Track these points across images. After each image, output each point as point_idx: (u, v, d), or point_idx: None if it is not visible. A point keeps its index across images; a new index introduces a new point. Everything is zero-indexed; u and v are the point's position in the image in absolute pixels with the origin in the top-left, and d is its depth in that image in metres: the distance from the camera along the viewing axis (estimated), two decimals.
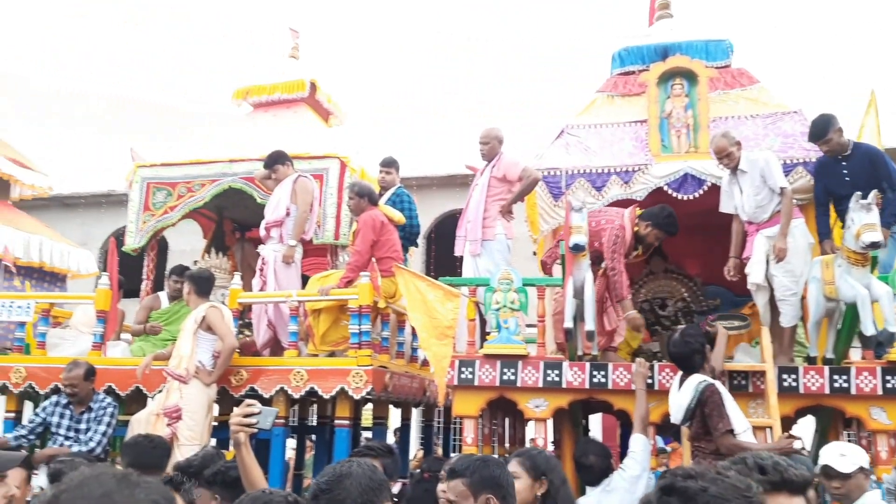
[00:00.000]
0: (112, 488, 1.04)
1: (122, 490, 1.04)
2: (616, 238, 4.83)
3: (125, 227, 6.94)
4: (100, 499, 1.02)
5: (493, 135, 5.93)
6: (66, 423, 5.31)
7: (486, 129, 5.98)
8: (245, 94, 7.45)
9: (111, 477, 1.07)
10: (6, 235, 7.44)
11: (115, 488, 1.04)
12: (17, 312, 6.09)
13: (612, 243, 4.81)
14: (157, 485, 1.11)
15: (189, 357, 5.27)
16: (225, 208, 7.44)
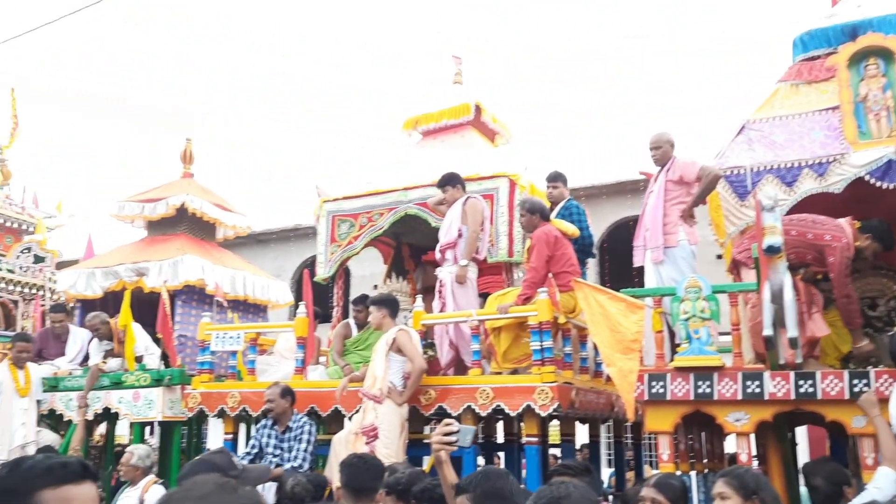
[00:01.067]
0: (212, 491, 1.24)
1: (220, 494, 1.24)
2: (846, 259, 4.50)
3: (312, 258, 7.45)
4: (199, 499, 1.22)
5: (664, 139, 5.74)
6: (272, 442, 5.77)
7: (655, 133, 5.80)
8: (414, 124, 7.76)
9: (213, 484, 1.27)
10: (217, 273, 8.24)
11: (215, 492, 1.24)
12: (229, 342, 6.70)
13: (843, 266, 4.49)
14: (252, 492, 1.34)
15: (383, 378, 5.51)
16: (402, 234, 7.75)
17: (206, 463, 2.74)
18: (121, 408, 7.09)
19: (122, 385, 7.11)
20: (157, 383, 6.98)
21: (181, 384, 7.03)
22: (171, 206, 8.56)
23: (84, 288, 8.45)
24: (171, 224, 8.83)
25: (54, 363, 7.76)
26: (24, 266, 10.70)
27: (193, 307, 8.25)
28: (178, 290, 8.02)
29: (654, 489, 3.18)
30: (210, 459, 2.94)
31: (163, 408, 6.91)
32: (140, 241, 9.08)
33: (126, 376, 7.12)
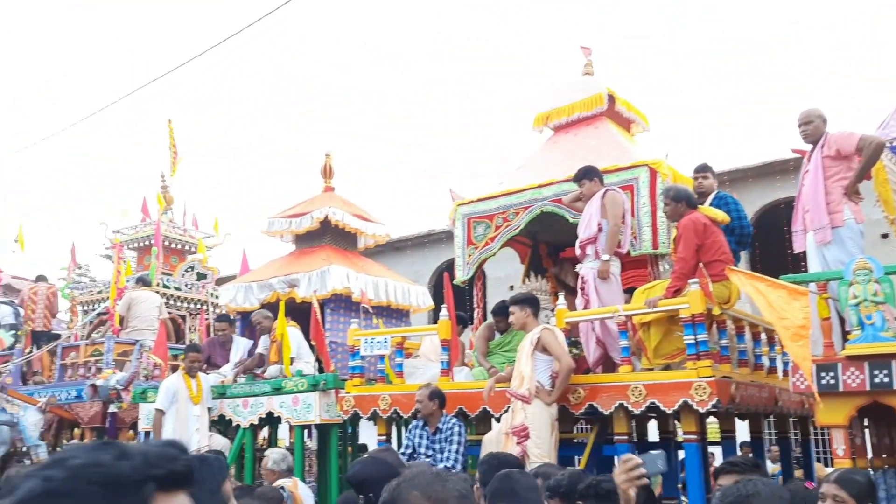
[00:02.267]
0: (432, 480, 1.48)
1: (438, 482, 1.47)
2: None
3: (447, 262, 7.54)
4: (426, 486, 1.45)
5: (815, 114, 5.35)
6: (424, 443, 5.89)
7: (805, 110, 5.42)
8: (545, 120, 7.68)
9: (431, 474, 1.53)
10: (361, 281, 8.55)
11: (435, 480, 1.48)
12: (377, 347, 6.92)
13: None
14: (460, 480, 1.52)
15: (529, 377, 5.48)
16: (539, 232, 7.68)
17: (378, 461, 2.82)
18: (282, 412, 7.49)
19: (282, 390, 7.51)
20: (314, 388, 7.31)
21: (335, 388, 7.33)
22: (316, 219, 8.96)
23: (242, 301, 9.00)
24: (316, 236, 9.25)
25: (221, 371, 8.33)
26: (189, 283, 11.60)
27: (341, 314, 8.59)
28: (327, 299, 8.37)
29: (836, 485, 2.94)
30: (382, 458, 3.02)
31: (320, 411, 7.23)
32: (289, 254, 9.57)
33: (285, 382, 7.51)
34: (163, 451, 0.89)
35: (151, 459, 0.86)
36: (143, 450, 0.87)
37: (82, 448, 0.87)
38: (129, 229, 12.05)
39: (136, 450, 0.86)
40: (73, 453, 0.86)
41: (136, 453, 0.85)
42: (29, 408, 9.10)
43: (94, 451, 0.85)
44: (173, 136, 12.14)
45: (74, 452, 0.86)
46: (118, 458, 0.84)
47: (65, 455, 0.86)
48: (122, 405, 9.00)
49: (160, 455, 0.87)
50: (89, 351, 9.79)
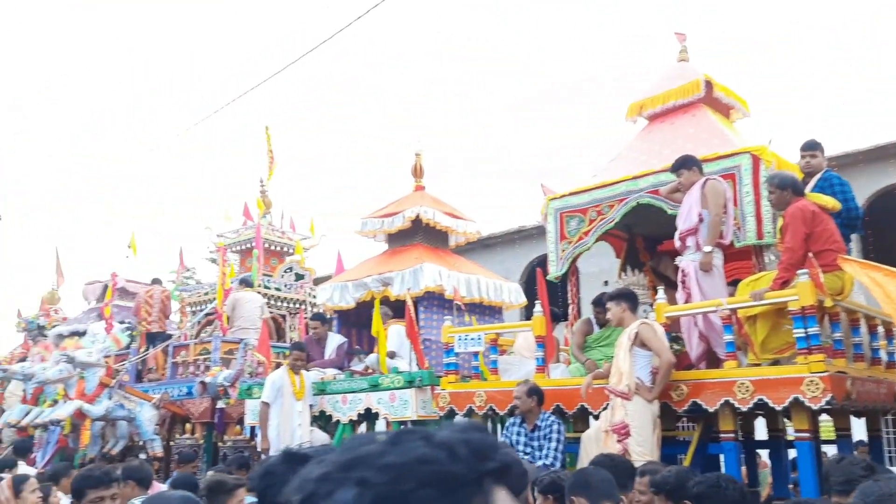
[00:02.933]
0: None
1: None
2: None
3: (537, 258, 7.46)
4: None
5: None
6: (522, 440, 5.85)
7: None
8: (639, 110, 7.48)
9: None
10: (453, 279, 8.60)
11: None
12: (471, 344, 6.93)
13: None
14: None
15: (628, 373, 5.36)
16: (635, 225, 7.50)
17: None
18: (380, 408, 7.62)
19: (378, 387, 7.64)
20: (410, 385, 7.40)
21: (430, 385, 7.39)
22: (407, 218, 9.07)
23: (339, 300, 9.23)
24: (408, 235, 9.37)
25: (320, 369, 8.56)
26: (288, 284, 11.99)
27: (434, 312, 8.66)
28: (420, 297, 8.46)
29: None
30: None
31: (416, 407, 7.31)
32: (382, 253, 9.74)
33: (381, 379, 7.64)
34: (483, 438, 0.75)
35: (481, 450, 0.73)
36: (460, 438, 0.74)
37: (378, 442, 0.75)
38: (232, 233, 12.56)
39: (453, 439, 0.74)
40: (375, 449, 0.73)
41: (456, 443, 0.73)
42: (145, 404, 9.63)
43: (404, 443, 0.73)
44: (270, 142, 12.57)
45: (375, 448, 0.73)
46: (441, 451, 0.71)
47: (364, 452, 0.73)
48: (229, 401, 9.38)
49: (486, 444, 0.74)
50: (198, 350, 10.26)
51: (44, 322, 14.26)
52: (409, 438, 0.73)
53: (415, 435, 0.74)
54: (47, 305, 14.90)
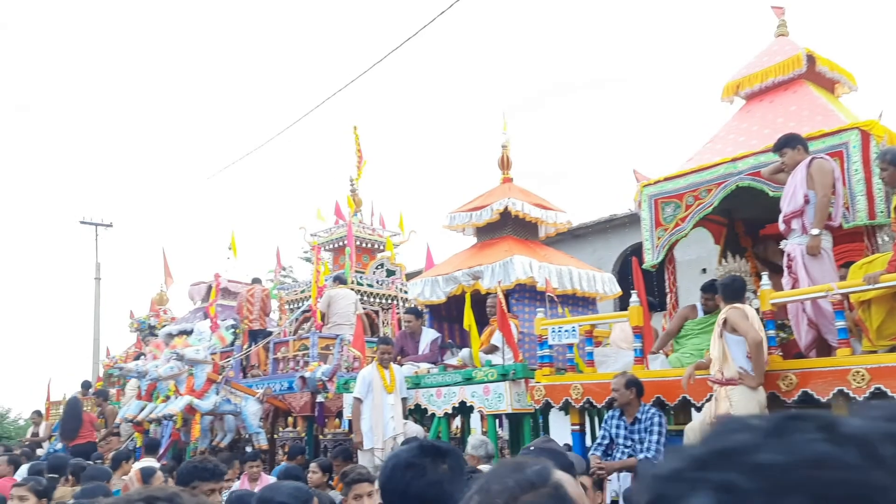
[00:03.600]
0: None
1: None
2: None
3: (631, 247, 7.27)
4: None
5: None
6: (622, 433, 5.74)
7: None
8: (735, 89, 7.18)
9: None
10: (545, 270, 8.51)
11: None
12: (565, 336, 6.84)
13: None
14: None
15: (720, 360, 5.19)
16: (735, 209, 7.20)
17: (552, 452, 2.76)
18: (474, 401, 7.64)
19: (472, 380, 7.66)
20: (503, 378, 7.38)
21: (524, 378, 7.35)
22: (496, 211, 9.03)
23: (430, 294, 9.30)
24: (497, 228, 9.33)
25: (414, 364, 8.66)
26: (380, 280, 12.19)
27: (526, 304, 8.60)
28: (511, 290, 8.41)
29: None
30: (553, 448, 2.96)
31: (511, 400, 7.28)
32: (472, 247, 9.74)
33: (475, 372, 7.65)
34: None
35: None
36: (886, 432, 0.52)
37: (754, 429, 0.55)
38: (325, 232, 12.87)
39: (874, 432, 0.52)
40: (748, 440, 0.54)
41: (877, 438, 0.51)
42: (249, 398, 10.01)
43: (792, 433, 0.53)
44: (359, 141, 12.79)
45: (748, 439, 0.54)
46: (852, 450, 0.50)
47: (732, 443, 0.54)
48: (328, 395, 9.63)
49: None
50: (297, 346, 10.59)
51: (154, 322, 15.07)
52: (800, 427, 0.53)
53: (810, 422, 0.54)
54: (157, 306, 15.74)
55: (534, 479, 1.13)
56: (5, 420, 25.61)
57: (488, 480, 1.15)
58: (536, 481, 1.12)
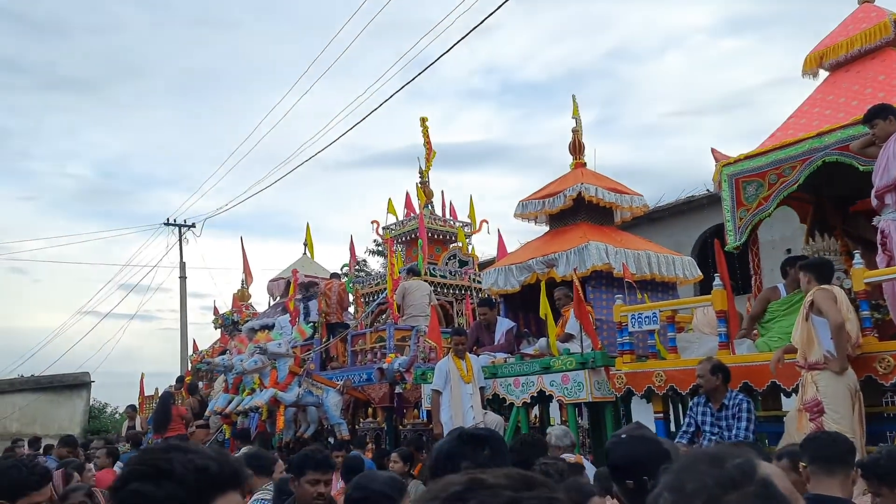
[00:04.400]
0: None
1: None
2: None
3: (710, 229, 7.05)
4: None
5: None
6: (708, 419, 5.58)
7: None
8: (819, 60, 6.85)
9: None
10: (621, 256, 8.35)
11: None
12: (646, 322, 6.70)
13: None
14: None
15: (805, 343, 4.98)
16: (821, 186, 6.89)
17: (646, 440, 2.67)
18: (553, 390, 7.58)
19: (551, 369, 7.59)
20: (582, 366, 7.29)
21: (604, 366, 7.24)
22: (569, 197, 8.90)
23: (504, 284, 9.26)
24: (570, 214, 9.20)
25: (490, 354, 8.65)
26: (453, 271, 12.23)
27: (603, 291, 8.46)
28: (587, 277, 8.29)
29: None
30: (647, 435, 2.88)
31: (591, 389, 7.19)
32: (545, 234, 9.64)
33: (553, 361, 7.59)
34: None
35: None
36: None
37: None
38: (396, 225, 13.00)
39: None
40: None
41: None
42: (330, 390, 10.24)
43: None
44: (427, 133, 12.84)
45: None
46: None
47: None
48: (405, 386, 9.75)
49: None
50: (374, 338, 10.75)
51: (237, 318, 15.57)
52: None
53: None
54: (239, 302, 16.25)
55: (736, 475, 1.01)
56: (103, 415, 26.96)
57: (681, 477, 1.04)
58: (739, 478, 1.01)
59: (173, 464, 1.11)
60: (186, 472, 1.10)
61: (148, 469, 1.11)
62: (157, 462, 1.12)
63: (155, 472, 1.10)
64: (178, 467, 1.10)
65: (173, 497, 1.08)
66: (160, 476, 1.09)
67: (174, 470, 1.10)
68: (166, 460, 1.11)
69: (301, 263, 15.43)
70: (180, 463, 1.11)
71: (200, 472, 1.11)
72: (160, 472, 1.10)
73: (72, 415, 23.98)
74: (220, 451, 1.19)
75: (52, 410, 23.54)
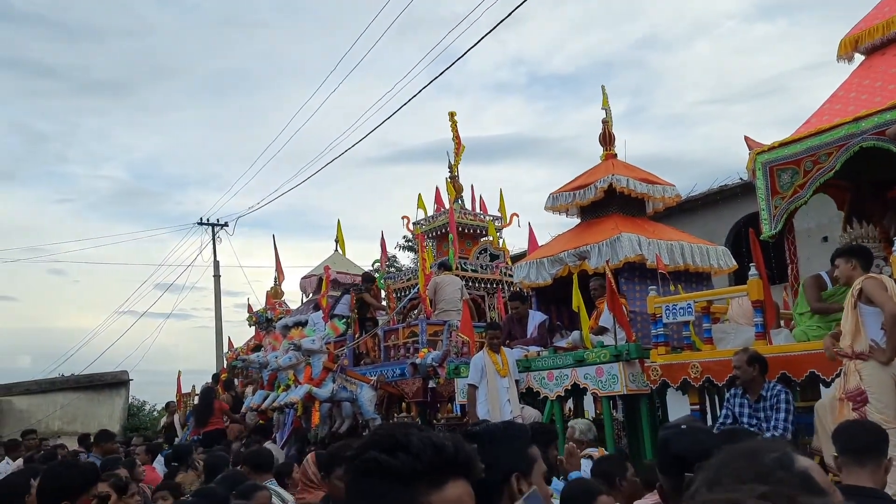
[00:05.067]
0: None
1: None
2: None
3: (744, 218, 6.95)
4: None
5: None
6: (746, 411, 5.52)
7: None
8: (854, 44, 6.71)
9: None
10: (654, 247, 8.27)
11: None
12: (680, 313, 6.65)
13: None
14: None
15: (853, 333, 4.90)
16: (859, 172, 6.76)
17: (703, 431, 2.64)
18: (587, 383, 7.55)
19: (584, 362, 7.57)
20: (616, 359, 7.26)
21: (638, 358, 7.20)
22: (600, 189, 8.84)
23: (535, 277, 9.23)
24: (601, 206, 9.13)
25: (523, 347, 8.64)
26: (484, 265, 12.23)
27: (636, 283, 8.40)
28: (619, 268, 8.23)
29: None
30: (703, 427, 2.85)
31: (626, 381, 7.15)
32: (576, 226, 9.59)
33: (587, 353, 7.56)
34: None
35: None
36: None
37: None
38: (426, 220, 13.02)
39: None
40: None
41: None
42: (364, 385, 10.31)
43: None
44: (456, 127, 12.84)
45: None
46: None
47: None
48: (439, 380, 9.78)
49: None
50: (406, 333, 10.80)
51: (271, 315, 15.73)
52: None
53: None
54: (272, 300, 16.42)
55: (774, 467, 1.03)
56: (141, 412, 27.46)
57: (718, 471, 1.06)
58: (777, 470, 1.03)
59: (410, 438, 1.11)
60: (423, 447, 1.10)
61: (386, 440, 1.12)
62: (395, 435, 1.12)
63: (392, 444, 1.11)
64: (415, 441, 1.10)
65: (408, 469, 1.09)
66: (396, 448, 1.10)
67: (411, 443, 1.10)
68: (404, 434, 1.12)
69: (333, 260, 15.54)
70: (418, 438, 1.11)
71: (437, 449, 1.10)
72: (397, 444, 1.10)
73: (111, 413, 24.50)
74: (456, 437, 1.17)
75: (92, 409, 24.07)
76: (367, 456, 1.10)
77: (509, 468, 1.86)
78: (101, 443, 8.85)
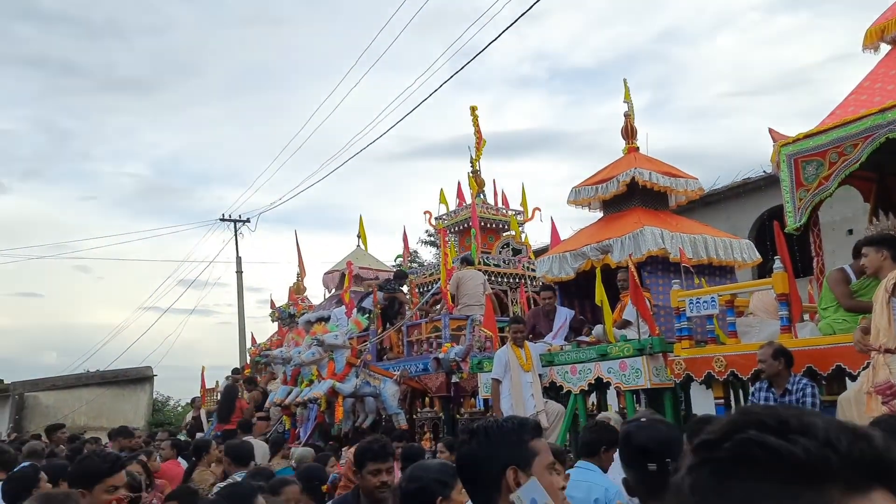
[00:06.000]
0: None
1: None
2: None
3: (767, 211, 6.89)
4: None
5: None
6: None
7: None
8: (879, 34, 6.63)
9: None
10: (677, 240, 8.24)
11: None
12: (704, 307, 6.62)
13: None
14: None
15: (886, 328, 4.84)
16: (885, 163, 6.69)
17: (664, 423, 2.66)
18: (611, 377, 7.55)
19: (608, 356, 7.56)
20: (640, 352, 7.25)
21: (662, 352, 7.18)
22: (622, 182, 8.81)
23: (558, 271, 9.23)
24: (624, 200, 9.11)
25: (546, 340, 8.66)
26: (506, 259, 12.24)
27: (659, 276, 8.37)
28: (642, 262, 8.21)
29: None
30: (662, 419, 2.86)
31: (649, 375, 7.14)
32: (599, 220, 9.57)
33: (610, 347, 7.55)
34: None
35: None
36: None
37: None
38: (448, 215, 13.06)
39: None
40: None
41: None
42: (387, 380, 10.38)
43: None
44: (477, 122, 12.85)
45: None
46: None
47: None
48: (462, 375, 9.82)
49: None
50: (429, 328, 10.85)
51: (294, 310, 15.87)
52: None
53: None
54: (295, 295, 16.56)
55: None
56: (165, 408, 27.83)
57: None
58: None
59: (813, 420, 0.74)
60: (838, 434, 0.71)
61: (770, 420, 0.72)
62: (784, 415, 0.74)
63: (782, 427, 0.73)
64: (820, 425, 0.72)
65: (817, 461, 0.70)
66: (790, 431, 0.71)
67: (815, 427, 0.71)
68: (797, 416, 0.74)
69: (355, 255, 15.64)
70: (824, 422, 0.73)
71: (862, 440, 0.71)
72: (790, 427, 0.72)
73: (136, 408, 24.86)
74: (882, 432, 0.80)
75: (117, 404, 24.43)
76: (745, 438, 0.71)
77: (506, 461, 1.90)
78: (118, 438, 9.02)
